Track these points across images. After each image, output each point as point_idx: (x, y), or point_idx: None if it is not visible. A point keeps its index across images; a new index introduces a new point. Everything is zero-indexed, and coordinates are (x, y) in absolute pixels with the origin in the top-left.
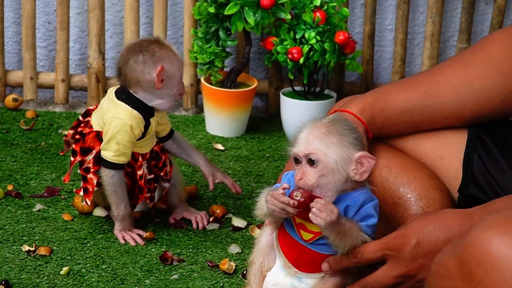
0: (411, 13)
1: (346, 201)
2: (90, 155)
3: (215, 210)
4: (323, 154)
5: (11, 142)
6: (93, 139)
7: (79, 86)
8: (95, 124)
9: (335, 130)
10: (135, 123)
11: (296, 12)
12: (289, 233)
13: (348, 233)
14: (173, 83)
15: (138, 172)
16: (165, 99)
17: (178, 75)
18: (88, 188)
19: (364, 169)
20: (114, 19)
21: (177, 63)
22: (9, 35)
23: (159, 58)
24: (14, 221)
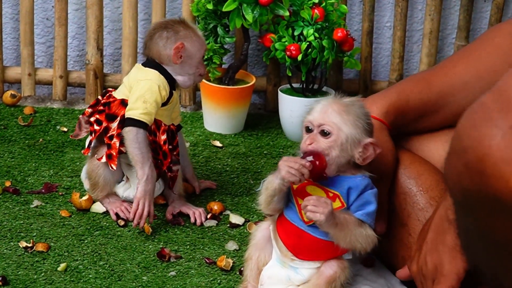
0: (409, 10)
1: (349, 183)
2: (115, 122)
3: (212, 207)
4: (337, 127)
5: (9, 138)
6: (118, 106)
7: (77, 82)
8: (119, 95)
9: (353, 110)
10: (162, 85)
11: (294, 9)
12: (289, 220)
13: (345, 223)
14: (192, 62)
15: (162, 137)
16: (185, 76)
17: (198, 56)
18: (112, 153)
19: (368, 155)
20: (112, 15)
21: (199, 45)
22: (7, 31)
23: (182, 36)
24: (11, 217)
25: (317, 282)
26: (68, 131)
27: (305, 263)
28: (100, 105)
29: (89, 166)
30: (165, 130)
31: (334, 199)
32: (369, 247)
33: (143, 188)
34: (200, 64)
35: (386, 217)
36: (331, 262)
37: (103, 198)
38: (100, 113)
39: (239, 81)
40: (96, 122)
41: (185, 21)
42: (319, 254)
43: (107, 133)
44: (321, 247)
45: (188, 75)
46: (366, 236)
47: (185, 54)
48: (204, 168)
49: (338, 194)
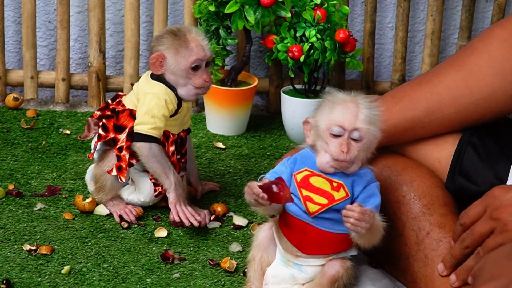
0: (411, 11)
1: (353, 176)
2: (123, 134)
3: (216, 208)
4: (368, 132)
5: (12, 142)
6: (127, 117)
7: (79, 85)
8: (128, 103)
9: (374, 110)
10: (169, 99)
11: (296, 10)
12: (292, 215)
13: (377, 228)
14: (178, 73)
15: (170, 148)
16: (183, 88)
17: (183, 66)
18: (122, 165)
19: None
20: (114, 18)
21: (185, 55)
22: (10, 34)
23: (166, 47)
24: (15, 220)
25: (320, 281)
26: (71, 134)
27: (309, 260)
28: (109, 110)
29: (97, 171)
30: (174, 141)
31: (338, 189)
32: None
33: (174, 194)
34: (192, 75)
35: None
36: (334, 262)
37: (107, 201)
38: (108, 119)
39: (242, 82)
40: (102, 127)
41: (178, 32)
42: (324, 248)
43: (115, 144)
44: (326, 239)
45: (185, 87)
46: (381, 233)
47: (166, 65)
48: (207, 169)
49: (342, 183)
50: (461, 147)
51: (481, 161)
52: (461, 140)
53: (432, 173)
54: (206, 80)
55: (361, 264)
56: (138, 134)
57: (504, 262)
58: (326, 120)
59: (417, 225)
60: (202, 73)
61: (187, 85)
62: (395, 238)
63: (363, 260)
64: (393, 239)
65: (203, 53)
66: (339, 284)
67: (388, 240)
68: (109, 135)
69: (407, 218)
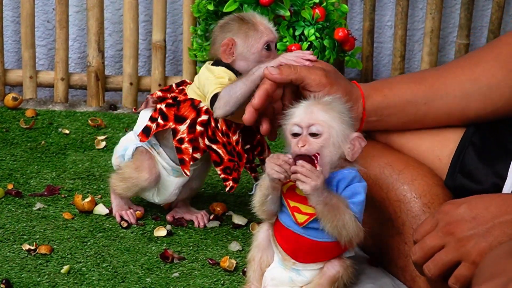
0: (410, 9)
1: (337, 177)
2: (184, 125)
3: (215, 207)
4: (327, 125)
5: (11, 141)
6: (188, 108)
7: (78, 84)
8: (191, 93)
9: (336, 106)
10: (232, 77)
11: (295, 9)
12: (284, 225)
13: (336, 205)
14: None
15: (233, 137)
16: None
17: (255, 49)
18: (184, 158)
19: (355, 150)
20: (113, 17)
21: (256, 38)
22: (8, 34)
23: (234, 33)
24: (14, 220)
25: (320, 281)
26: (70, 133)
27: (307, 265)
28: (170, 97)
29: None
30: (236, 130)
31: None
32: (356, 238)
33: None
34: (263, 57)
35: None
36: (333, 262)
37: (116, 196)
38: (169, 108)
39: None
40: (161, 115)
41: (244, 17)
42: (318, 256)
43: (175, 136)
44: (319, 249)
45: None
46: (353, 225)
47: (237, 51)
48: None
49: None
50: (463, 146)
51: (482, 159)
52: (462, 139)
53: (432, 172)
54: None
55: (360, 262)
56: (211, 101)
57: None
58: (287, 123)
59: (417, 224)
60: (274, 56)
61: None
62: (394, 237)
63: (363, 259)
64: (392, 237)
65: (273, 35)
66: (339, 284)
67: (387, 238)
68: (168, 124)
69: (407, 217)
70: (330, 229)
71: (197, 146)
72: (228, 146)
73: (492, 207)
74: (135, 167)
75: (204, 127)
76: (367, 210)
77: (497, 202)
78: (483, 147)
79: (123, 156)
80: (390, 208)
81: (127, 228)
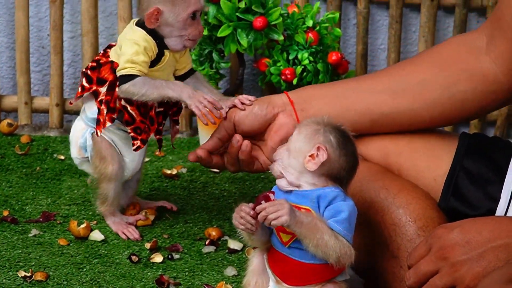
0: (403, 32)
1: (317, 193)
2: (104, 87)
3: (210, 232)
4: (298, 131)
5: (6, 167)
6: (108, 70)
7: (73, 110)
8: (113, 54)
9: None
10: (148, 46)
11: (288, 33)
12: (273, 246)
13: (312, 223)
14: (175, 25)
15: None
16: (172, 39)
17: (181, 18)
18: (100, 119)
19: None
20: (108, 42)
21: (183, 7)
22: (3, 60)
23: (160, 0)
24: (10, 247)
25: None
26: (65, 159)
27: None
28: (94, 60)
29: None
30: None
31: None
32: (344, 258)
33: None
34: (187, 26)
35: None
36: (328, 286)
37: (109, 215)
38: (92, 70)
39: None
40: (87, 78)
41: None
42: (308, 279)
43: (97, 97)
44: (306, 271)
45: (175, 38)
46: (339, 244)
47: (162, 18)
48: (202, 193)
49: (309, 208)
50: (454, 169)
51: (474, 182)
52: (453, 162)
53: (427, 195)
54: (201, 31)
55: (356, 286)
56: (121, 76)
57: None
58: None
59: (412, 248)
60: (197, 25)
61: (180, 36)
62: (389, 260)
63: (358, 283)
64: (388, 261)
65: (200, 4)
66: None
67: (383, 262)
68: (92, 87)
69: (402, 241)
70: (313, 249)
71: (113, 107)
72: (142, 108)
73: (485, 231)
74: (99, 159)
75: None
76: (361, 233)
77: (490, 226)
78: (475, 169)
79: (85, 147)
80: (385, 231)
81: (137, 263)
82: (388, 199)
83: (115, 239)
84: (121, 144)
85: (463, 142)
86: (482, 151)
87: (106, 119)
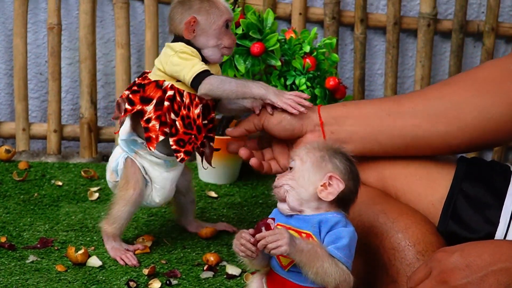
0: (400, 57)
1: (319, 218)
2: (150, 105)
3: (208, 258)
4: (300, 160)
5: (4, 194)
6: (153, 88)
7: (71, 136)
8: (153, 76)
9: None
10: (190, 50)
11: (286, 59)
12: (273, 269)
13: (312, 250)
14: (210, 34)
15: (195, 111)
16: (209, 49)
17: (215, 26)
18: (151, 136)
19: (329, 191)
20: (105, 69)
21: (217, 15)
22: (1, 87)
23: (194, 10)
24: (7, 273)
25: None
26: (63, 185)
27: None
28: (135, 85)
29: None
30: (198, 104)
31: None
32: (343, 284)
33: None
34: (222, 34)
35: None
36: None
37: (110, 238)
38: (134, 94)
39: None
40: (129, 102)
41: None
42: None
43: (143, 117)
44: None
45: (212, 48)
46: (338, 271)
47: (198, 28)
48: (200, 219)
49: (310, 233)
50: (453, 193)
51: (473, 206)
52: (452, 185)
53: (426, 219)
54: (234, 40)
55: None
56: (194, 79)
57: None
58: None
59: (411, 272)
60: (230, 34)
61: (216, 46)
62: (389, 285)
63: None
64: (387, 285)
65: (231, 14)
66: None
67: (382, 286)
68: (135, 108)
69: (401, 265)
70: (312, 276)
71: (165, 121)
72: (186, 120)
73: (485, 255)
74: (124, 181)
75: (170, 101)
76: (361, 257)
77: (490, 250)
78: (473, 193)
79: (116, 171)
80: (384, 256)
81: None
82: (387, 223)
83: (113, 265)
84: (151, 170)
85: (461, 166)
86: (481, 175)
87: (158, 133)
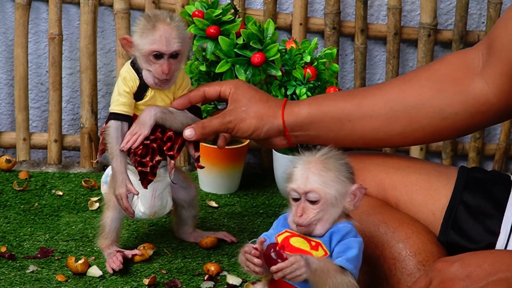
0: (400, 67)
1: (331, 230)
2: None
3: (209, 268)
4: (323, 191)
5: (4, 204)
6: None
7: (72, 146)
8: None
9: (332, 165)
10: (128, 76)
11: (286, 69)
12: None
13: (325, 269)
14: (141, 58)
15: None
16: (146, 73)
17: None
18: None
19: (357, 199)
20: (106, 79)
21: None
22: (2, 97)
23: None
24: (7, 283)
25: None
26: (63, 195)
27: None
28: None
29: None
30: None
31: (317, 248)
32: None
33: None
34: (152, 63)
35: None
36: None
37: (105, 247)
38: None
39: (234, 141)
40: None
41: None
42: None
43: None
44: None
45: (146, 72)
46: (349, 285)
47: (132, 49)
48: (200, 229)
49: (320, 242)
50: (453, 203)
51: (473, 216)
52: (452, 196)
53: (427, 229)
54: (164, 72)
55: None
56: (110, 114)
57: None
58: (287, 186)
59: (412, 282)
60: (162, 64)
61: (149, 71)
62: None
63: None
64: None
65: (165, 47)
66: None
67: None
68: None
69: (402, 275)
70: None
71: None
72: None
73: (486, 265)
74: (111, 187)
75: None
76: (362, 267)
77: (490, 260)
78: (474, 203)
79: (106, 182)
80: (385, 265)
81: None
82: (388, 233)
83: (114, 274)
84: (134, 179)
85: (462, 176)
86: (481, 185)
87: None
